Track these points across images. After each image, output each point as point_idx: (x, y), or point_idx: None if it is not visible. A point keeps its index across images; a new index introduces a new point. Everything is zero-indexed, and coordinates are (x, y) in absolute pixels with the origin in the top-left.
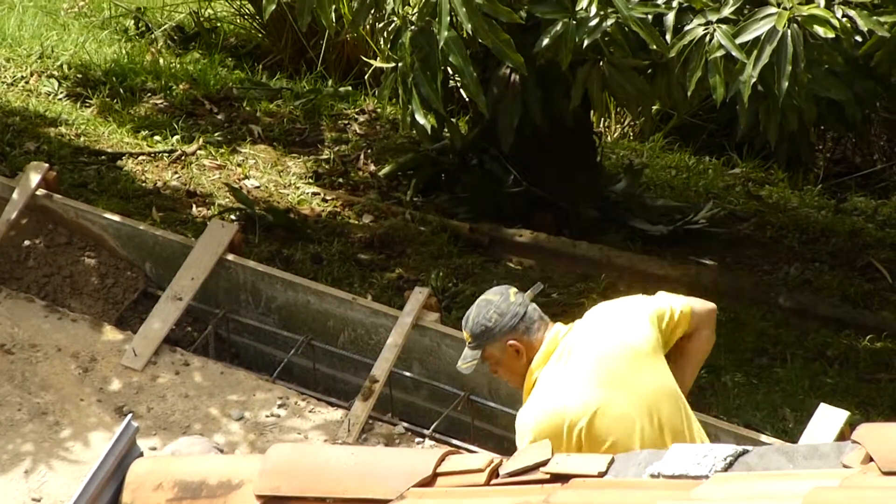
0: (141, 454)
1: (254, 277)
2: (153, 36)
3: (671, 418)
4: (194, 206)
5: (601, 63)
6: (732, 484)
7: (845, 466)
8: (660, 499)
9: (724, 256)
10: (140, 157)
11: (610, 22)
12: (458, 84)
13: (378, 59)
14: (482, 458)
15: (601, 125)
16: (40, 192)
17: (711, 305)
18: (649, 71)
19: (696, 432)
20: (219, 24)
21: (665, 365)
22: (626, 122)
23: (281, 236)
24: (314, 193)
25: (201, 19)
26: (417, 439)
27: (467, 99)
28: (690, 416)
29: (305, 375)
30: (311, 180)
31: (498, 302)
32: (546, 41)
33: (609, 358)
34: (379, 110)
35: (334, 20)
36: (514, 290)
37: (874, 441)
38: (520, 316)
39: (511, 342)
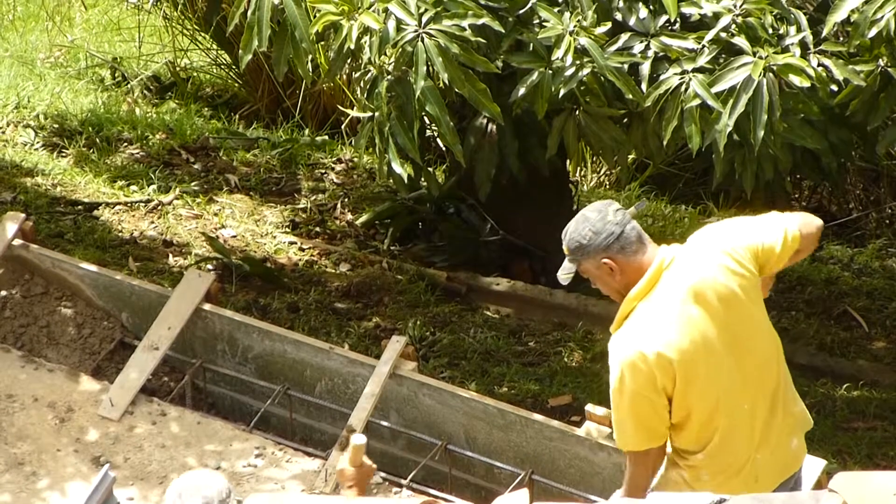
0: None
1: (230, 327)
2: (129, 86)
3: (755, 355)
4: (171, 255)
5: (577, 112)
6: None
7: None
8: None
9: None
10: (116, 207)
11: (586, 71)
12: (435, 133)
13: (354, 108)
14: None
15: (577, 174)
16: (17, 242)
17: (819, 224)
18: (625, 120)
19: (775, 365)
20: (195, 74)
21: (759, 309)
22: (602, 171)
23: (258, 285)
24: (291, 242)
25: (177, 69)
26: (395, 489)
27: (444, 148)
28: (773, 348)
29: (282, 425)
30: (287, 229)
31: (595, 220)
32: (522, 91)
33: (704, 303)
34: (356, 159)
35: (311, 70)
36: (615, 207)
37: (851, 490)
38: (615, 235)
39: (605, 260)
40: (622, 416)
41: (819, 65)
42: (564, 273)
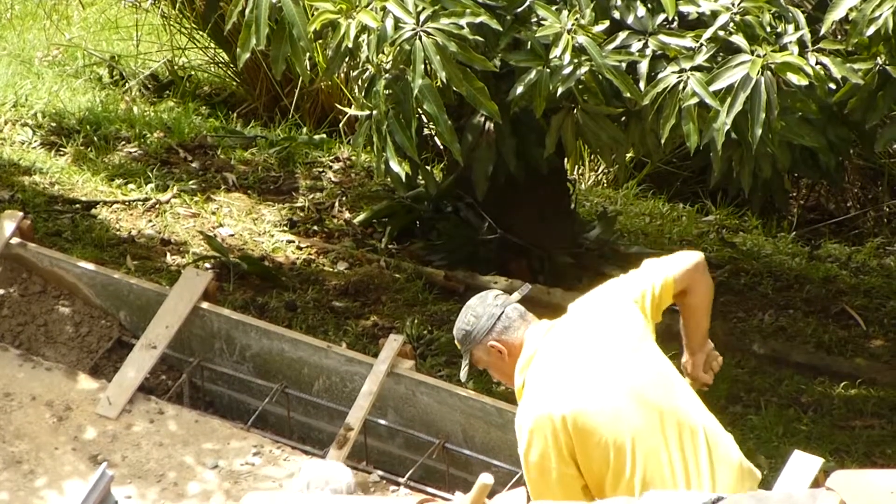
0: (116, 503)
1: (228, 325)
2: (127, 84)
3: (661, 404)
4: (169, 254)
5: (575, 111)
6: None
7: None
8: None
9: None
10: (114, 206)
11: (584, 70)
12: (433, 132)
13: (352, 106)
14: None
15: (575, 172)
16: (14, 240)
17: (695, 259)
18: (623, 118)
19: (691, 414)
20: (193, 73)
21: (652, 349)
22: (599, 170)
23: (255, 284)
24: (289, 241)
25: (175, 68)
26: (392, 487)
27: (442, 147)
28: (686, 397)
29: (280, 423)
30: (285, 228)
31: (475, 305)
32: (520, 89)
33: (593, 353)
34: (353, 158)
35: (309, 68)
36: (495, 293)
37: (848, 488)
38: (496, 317)
39: (491, 343)
40: (534, 491)
41: (817, 63)
42: (463, 369)
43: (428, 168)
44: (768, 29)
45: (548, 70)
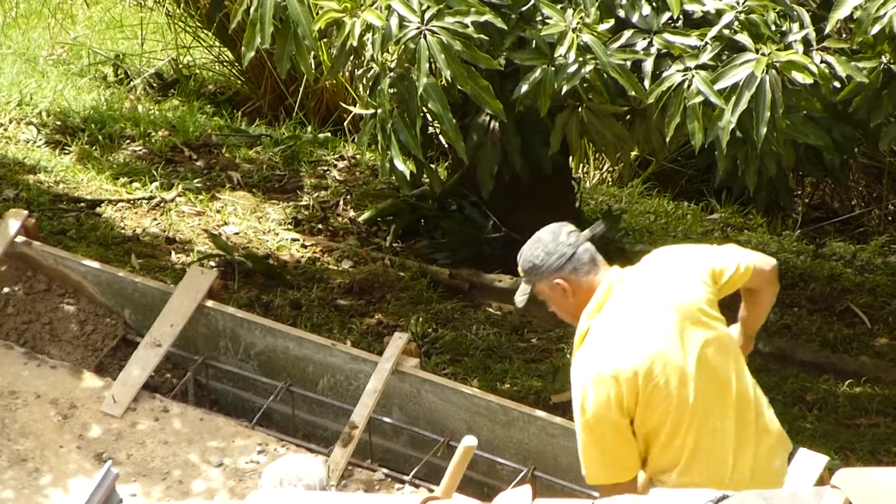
0: (121, 501)
1: (233, 324)
2: (132, 83)
3: (721, 369)
4: (173, 252)
5: (580, 109)
6: None
7: None
8: None
9: None
10: (119, 204)
11: (589, 68)
12: (438, 130)
13: (357, 105)
14: (461, 503)
15: (580, 171)
16: (19, 239)
17: (774, 262)
18: (628, 117)
19: (745, 382)
20: (198, 72)
21: (716, 318)
22: (604, 168)
23: (260, 282)
24: (293, 239)
25: (180, 66)
26: (397, 485)
27: (446, 145)
28: (742, 366)
29: (285, 422)
30: (290, 226)
31: (547, 241)
32: (525, 88)
33: (666, 312)
34: (358, 156)
35: (313, 67)
36: (568, 229)
37: (853, 486)
38: (567, 256)
39: (557, 281)
40: (587, 444)
41: (822, 61)
42: (520, 295)
43: (432, 166)
44: (773, 27)
45: (553, 68)
